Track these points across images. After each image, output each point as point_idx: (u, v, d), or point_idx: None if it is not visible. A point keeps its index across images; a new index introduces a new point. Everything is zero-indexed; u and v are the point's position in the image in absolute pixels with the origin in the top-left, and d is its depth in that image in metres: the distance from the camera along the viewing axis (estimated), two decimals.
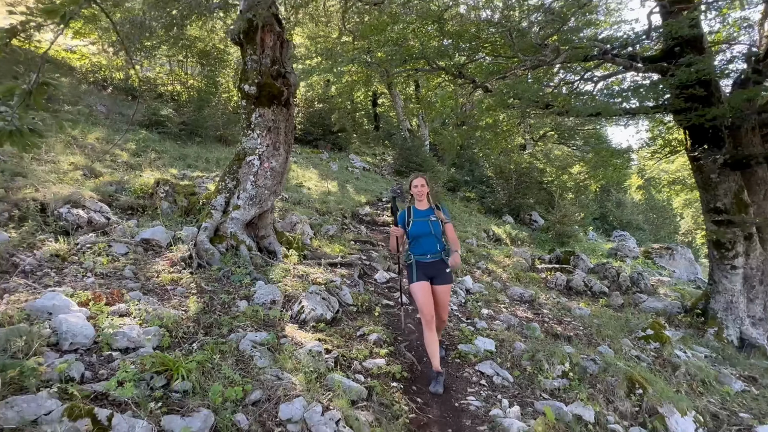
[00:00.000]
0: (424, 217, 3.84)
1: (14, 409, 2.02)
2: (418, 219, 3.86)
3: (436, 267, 3.84)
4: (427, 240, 3.83)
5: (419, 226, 3.84)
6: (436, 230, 3.81)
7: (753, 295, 6.38)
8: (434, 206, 3.92)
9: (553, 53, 5.66)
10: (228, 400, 2.63)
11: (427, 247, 3.83)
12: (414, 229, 3.86)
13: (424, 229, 3.81)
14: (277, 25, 6.00)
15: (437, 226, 3.82)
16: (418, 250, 3.86)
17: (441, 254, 3.85)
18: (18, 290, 3.27)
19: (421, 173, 4.02)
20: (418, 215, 3.88)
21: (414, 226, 3.86)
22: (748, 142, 6.26)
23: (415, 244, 3.89)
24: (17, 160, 6.15)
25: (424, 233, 3.82)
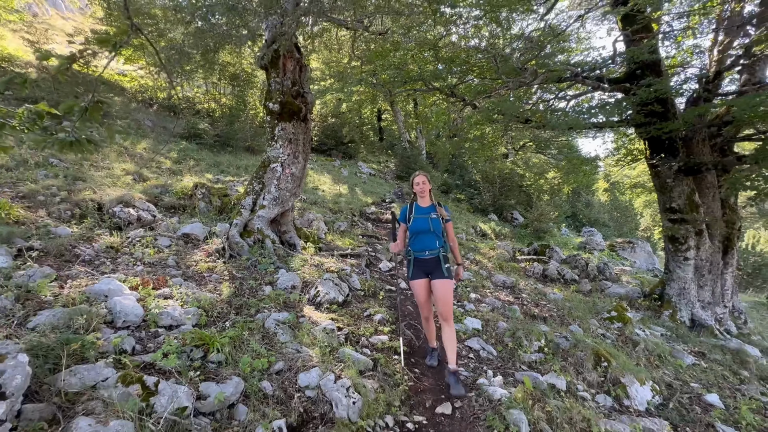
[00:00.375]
0: (425, 214, 3.33)
1: (77, 376, 2.05)
2: (419, 215, 3.35)
3: (433, 263, 3.31)
4: (426, 237, 3.31)
5: (420, 223, 3.32)
6: (436, 228, 3.31)
7: (703, 282, 6.33)
8: (436, 204, 3.40)
9: (531, 75, 5.62)
10: (255, 369, 2.64)
11: (427, 243, 3.30)
12: (414, 225, 3.34)
13: (424, 226, 3.30)
14: (296, 52, 6.00)
15: (437, 223, 3.32)
16: (417, 246, 3.34)
17: (439, 251, 3.30)
18: (79, 276, 3.30)
19: (423, 171, 3.52)
20: (420, 212, 3.37)
21: (414, 222, 3.34)
22: (699, 151, 6.20)
23: (415, 240, 3.37)
24: (78, 166, 6.19)
25: (424, 230, 3.30)
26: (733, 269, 6.58)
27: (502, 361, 3.98)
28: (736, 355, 5.23)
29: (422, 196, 3.39)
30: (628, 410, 3.49)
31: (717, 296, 6.42)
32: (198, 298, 3.41)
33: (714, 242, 6.32)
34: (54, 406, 1.86)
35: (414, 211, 3.41)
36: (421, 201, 3.42)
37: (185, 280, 3.88)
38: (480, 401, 3.07)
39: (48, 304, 2.69)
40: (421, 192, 3.38)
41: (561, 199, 18.37)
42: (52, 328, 2.32)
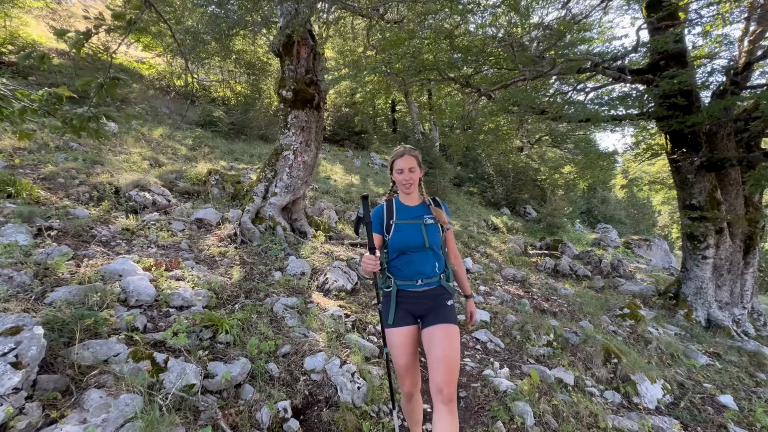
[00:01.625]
0: (415, 219, 2.04)
1: (90, 350, 2.10)
2: (404, 221, 2.04)
3: (430, 299, 2.01)
4: (418, 256, 2.01)
5: (407, 234, 2.01)
6: (434, 239, 2.01)
7: (721, 282, 6.13)
8: (430, 201, 2.12)
9: (549, 65, 5.45)
10: (262, 351, 2.67)
11: (419, 266, 2.00)
12: (398, 238, 2.01)
13: (415, 239, 2.00)
14: (311, 39, 5.96)
15: (435, 232, 2.03)
16: (405, 271, 2.01)
17: (440, 278, 2.03)
18: (95, 256, 3.38)
19: (410, 148, 2.09)
20: (405, 215, 2.06)
21: (398, 233, 2.02)
22: (724, 146, 5.95)
23: (399, 263, 2.02)
24: (96, 151, 6.32)
25: (414, 245, 1.99)
26: (754, 269, 6.35)
27: (509, 354, 3.94)
28: (754, 357, 5.07)
29: (407, 190, 2.06)
30: (638, 407, 3.42)
31: (736, 297, 6.21)
32: (209, 280, 3.46)
33: (735, 241, 6.09)
34: (67, 378, 1.92)
35: (396, 213, 2.07)
36: (405, 198, 2.11)
37: (197, 263, 3.94)
38: (485, 392, 3.05)
39: (65, 281, 2.77)
40: (405, 184, 2.04)
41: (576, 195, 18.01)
42: (67, 304, 2.38)
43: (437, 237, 2.04)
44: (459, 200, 13.88)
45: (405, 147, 2.07)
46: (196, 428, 1.91)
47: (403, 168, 2.02)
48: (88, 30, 1.43)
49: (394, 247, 2.02)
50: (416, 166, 2.05)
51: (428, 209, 2.10)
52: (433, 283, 2.02)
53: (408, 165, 2.02)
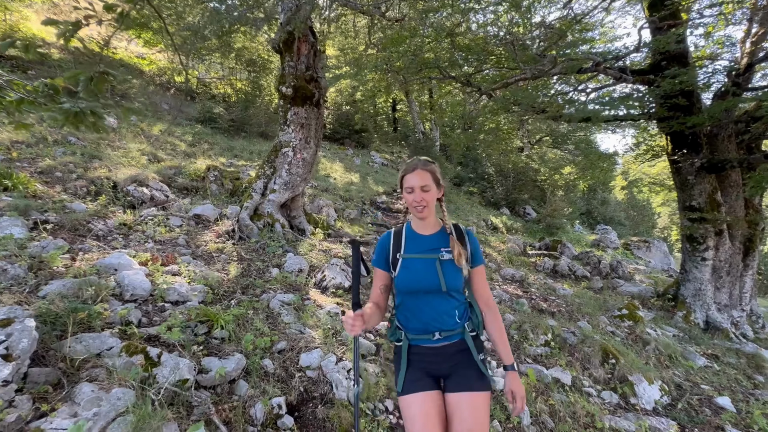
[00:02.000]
0: (429, 252, 1.60)
1: (82, 343, 2.08)
2: (413, 255, 1.60)
3: (452, 356, 1.61)
4: (433, 302, 1.58)
5: (416, 272, 1.58)
6: (453, 281, 1.56)
7: (720, 284, 6.11)
8: (451, 228, 1.65)
9: (550, 63, 5.43)
10: (258, 347, 2.65)
11: (434, 315, 1.58)
12: (405, 276, 1.59)
13: (427, 279, 1.56)
14: (311, 36, 5.93)
15: (455, 270, 1.57)
16: (416, 321, 1.61)
17: (464, 330, 1.62)
18: (91, 250, 3.36)
19: (425, 161, 1.60)
20: (416, 247, 1.62)
21: (405, 270, 1.59)
22: (725, 148, 5.92)
23: (409, 310, 1.62)
24: (95, 145, 6.30)
25: (425, 287, 1.56)
26: (753, 272, 6.33)
27: None
28: (752, 359, 5.06)
29: (420, 214, 1.58)
30: (635, 408, 3.40)
31: (734, 299, 6.19)
32: (205, 276, 3.44)
33: (734, 243, 6.07)
34: (59, 371, 1.90)
35: (405, 244, 1.63)
36: (418, 224, 1.65)
37: (194, 258, 3.92)
38: None
39: (59, 274, 2.75)
40: (417, 206, 1.57)
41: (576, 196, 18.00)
42: (61, 297, 2.36)
43: (458, 277, 1.53)
44: (459, 200, 13.87)
45: (419, 159, 1.58)
46: (188, 423, 1.89)
47: (413, 186, 1.53)
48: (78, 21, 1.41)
49: (401, 288, 1.57)
50: (431, 184, 1.54)
51: (448, 240, 1.58)
52: (455, 336, 1.58)
53: (421, 182, 1.52)
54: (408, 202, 1.60)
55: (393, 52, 7.19)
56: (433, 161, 1.62)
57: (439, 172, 1.62)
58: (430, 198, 1.56)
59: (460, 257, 1.55)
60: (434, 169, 1.59)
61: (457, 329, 1.59)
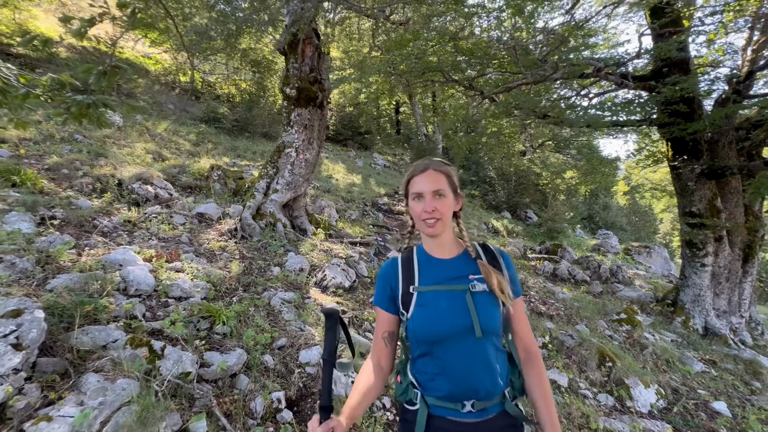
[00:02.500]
0: (456, 283, 1.15)
1: (89, 335, 2.14)
2: (434, 287, 1.15)
3: None
4: (464, 352, 1.08)
5: (440, 310, 1.11)
6: (490, 320, 1.10)
7: (719, 290, 6.13)
8: (478, 248, 1.24)
9: (552, 68, 5.49)
10: (259, 343, 2.71)
11: (467, 373, 1.08)
12: (424, 318, 1.12)
13: (455, 319, 1.09)
14: (315, 38, 6.01)
15: (491, 306, 1.12)
16: (442, 381, 1.11)
17: (503, 398, 1.13)
18: (97, 246, 3.43)
19: (438, 161, 1.21)
20: (435, 275, 1.18)
21: (423, 309, 1.13)
22: (725, 154, 5.96)
23: (429, 366, 1.13)
24: (101, 143, 6.39)
25: (454, 330, 1.09)
26: (752, 278, 6.34)
27: None
28: (750, 365, 5.07)
29: (431, 230, 1.16)
30: (630, 411, 3.44)
31: (734, 305, 6.21)
32: (208, 273, 3.50)
33: (734, 249, 6.09)
34: (66, 361, 1.96)
35: (418, 273, 1.20)
36: (432, 245, 1.24)
37: (197, 256, 3.99)
38: None
39: (66, 268, 2.81)
40: (428, 219, 1.15)
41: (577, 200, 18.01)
42: (68, 291, 2.43)
43: (495, 315, 1.10)
44: None
45: (431, 159, 1.20)
46: (190, 415, 1.95)
47: (423, 191, 1.13)
48: (92, 17, 1.48)
49: (419, 335, 1.10)
50: (447, 189, 1.15)
51: (475, 264, 1.17)
52: (493, 408, 1.11)
53: (433, 186, 1.13)
54: (415, 215, 1.15)
55: (397, 55, 7.26)
56: (449, 163, 1.22)
57: (457, 177, 1.22)
58: (444, 208, 1.13)
59: (501, 287, 1.11)
60: (450, 172, 1.19)
61: (496, 396, 1.09)
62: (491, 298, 1.12)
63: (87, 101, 1.59)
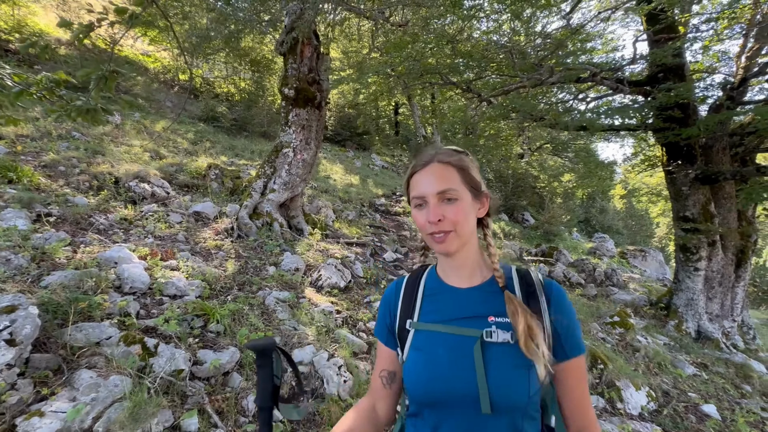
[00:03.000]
0: (465, 324, 0.81)
1: (83, 332, 2.16)
2: (436, 327, 0.84)
3: None
4: (468, 425, 0.75)
5: (439, 362, 0.79)
6: (509, 389, 0.74)
7: (712, 294, 6.18)
8: (511, 277, 0.87)
9: (548, 72, 5.54)
10: None
11: None
12: (417, 369, 0.82)
13: (458, 381, 0.76)
14: (315, 39, 6.04)
15: (512, 365, 0.75)
16: None
17: None
18: (92, 243, 3.43)
19: (446, 151, 0.87)
20: (442, 310, 0.87)
21: (418, 355, 0.84)
22: (719, 160, 6.02)
23: (422, 430, 0.82)
24: (98, 141, 6.39)
25: (456, 394, 0.76)
26: (745, 283, 6.40)
27: None
28: (740, 369, 5.12)
29: (441, 245, 0.83)
30: (620, 413, 3.47)
31: (726, 309, 6.26)
32: (203, 271, 3.51)
33: (727, 254, 6.15)
34: (59, 358, 1.97)
35: (422, 305, 0.91)
36: (447, 266, 0.91)
37: (193, 254, 4.00)
38: None
39: (61, 265, 2.82)
40: (437, 230, 0.81)
41: (574, 203, 18.10)
42: (62, 287, 2.44)
43: (521, 383, 0.76)
44: None
45: (437, 148, 0.89)
46: (182, 411, 1.97)
47: (425, 194, 0.83)
48: (91, 23, 1.50)
49: (411, 391, 0.84)
50: (459, 188, 0.83)
51: (499, 297, 0.84)
52: None
53: (438, 185, 0.82)
54: (419, 226, 0.84)
55: (395, 57, 7.30)
56: (465, 150, 0.90)
57: (478, 169, 0.89)
58: (458, 215, 0.80)
59: (530, 338, 0.75)
60: (465, 163, 0.85)
61: None
62: (517, 354, 0.74)
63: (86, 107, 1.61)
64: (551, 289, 0.86)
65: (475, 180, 0.87)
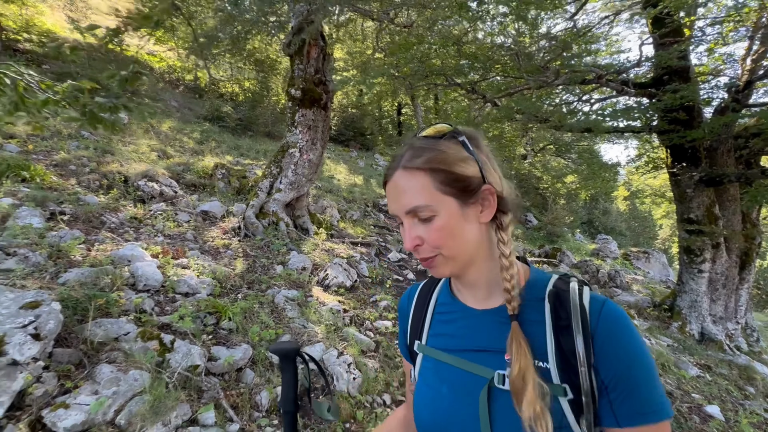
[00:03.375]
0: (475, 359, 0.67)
1: (101, 328, 2.22)
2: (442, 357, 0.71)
3: None
4: None
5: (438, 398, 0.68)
6: None
7: (716, 296, 6.21)
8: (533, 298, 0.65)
9: (553, 74, 5.58)
10: (263, 339, 2.79)
11: None
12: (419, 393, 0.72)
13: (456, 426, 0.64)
14: (321, 40, 6.09)
15: None
16: None
17: None
18: (105, 241, 3.50)
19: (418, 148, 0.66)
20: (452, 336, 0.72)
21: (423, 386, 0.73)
22: (723, 162, 6.05)
23: None
24: (107, 140, 6.47)
25: None
26: (749, 285, 6.43)
27: None
28: (744, 371, 5.15)
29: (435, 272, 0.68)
30: None
31: (730, 311, 6.29)
32: (213, 270, 3.58)
33: (731, 256, 6.18)
34: (80, 352, 2.04)
35: (431, 324, 0.77)
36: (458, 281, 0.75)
37: (202, 253, 4.06)
38: None
39: (77, 263, 2.89)
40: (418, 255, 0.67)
41: (578, 205, 18.10)
42: (80, 284, 2.50)
43: None
44: None
45: (409, 145, 0.68)
46: (199, 405, 2.03)
47: (395, 213, 0.69)
48: (117, 28, 1.56)
49: (417, 422, 0.72)
50: (435, 199, 0.63)
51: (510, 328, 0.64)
52: None
53: (403, 202, 0.66)
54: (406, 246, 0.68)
55: (401, 58, 7.36)
56: (447, 131, 0.68)
57: (468, 162, 0.65)
58: (438, 239, 0.64)
59: (523, 389, 0.58)
60: (440, 158, 0.64)
61: None
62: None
63: (108, 104, 1.68)
64: (598, 319, 0.59)
65: (462, 177, 0.63)
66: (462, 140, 0.67)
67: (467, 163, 0.65)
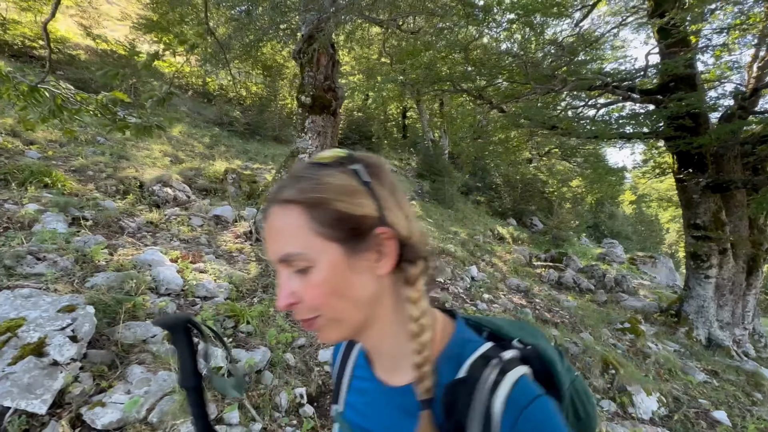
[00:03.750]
0: None
1: (131, 330, 2.33)
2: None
3: None
4: None
5: None
6: None
7: (723, 302, 6.24)
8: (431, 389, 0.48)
9: (561, 83, 5.67)
10: (280, 342, 2.89)
11: None
12: None
13: None
14: (330, 48, 6.22)
15: None
16: None
17: None
18: (126, 246, 3.63)
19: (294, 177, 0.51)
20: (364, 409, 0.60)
21: None
22: (730, 168, 6.09)
23: None
24: (121, 145, 6.63)
25: None
26: (756, 291, 6.45)
27: None
28: (751, 377, 5.18)
29: (320, 337, 0.53)
30: (632, 417, 3.57)
31: (737, 317, 6.31)
32: (230, 274, 3.69)
33: (738, 262, 6.21)
34: (113, 354, 2.15)
35: (350, 387, 0.66)
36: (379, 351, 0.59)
37: (216, 257, 4.18)
38: None
39: (102, 267, 3.01)
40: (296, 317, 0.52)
41: (583, 209, 18.10)
42: (108, 288, 2.62)
43: None
44: (466, 209, 14.08)
45: (293, 171, 0.53)
46: (224, 406, 2.13)
47: (269, 255, 0.52)
48: (156, 52, 1.68)
49: None
50: (305, 247, 0.48)
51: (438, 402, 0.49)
52: None
53: (275, 248, 0.51)
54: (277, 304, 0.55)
55: (409, 65, 7.48)
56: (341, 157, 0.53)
57: (352, 192, 0.49)
58: (315, 297, 0.49)
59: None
60: (324, 191, 0.49)
61: None
62: None
63: (145, 124, 1.80)
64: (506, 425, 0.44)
65: (347, 216, 0.49)
66: (355, 168, 0.51)
67: (357, 197, 0.49)
